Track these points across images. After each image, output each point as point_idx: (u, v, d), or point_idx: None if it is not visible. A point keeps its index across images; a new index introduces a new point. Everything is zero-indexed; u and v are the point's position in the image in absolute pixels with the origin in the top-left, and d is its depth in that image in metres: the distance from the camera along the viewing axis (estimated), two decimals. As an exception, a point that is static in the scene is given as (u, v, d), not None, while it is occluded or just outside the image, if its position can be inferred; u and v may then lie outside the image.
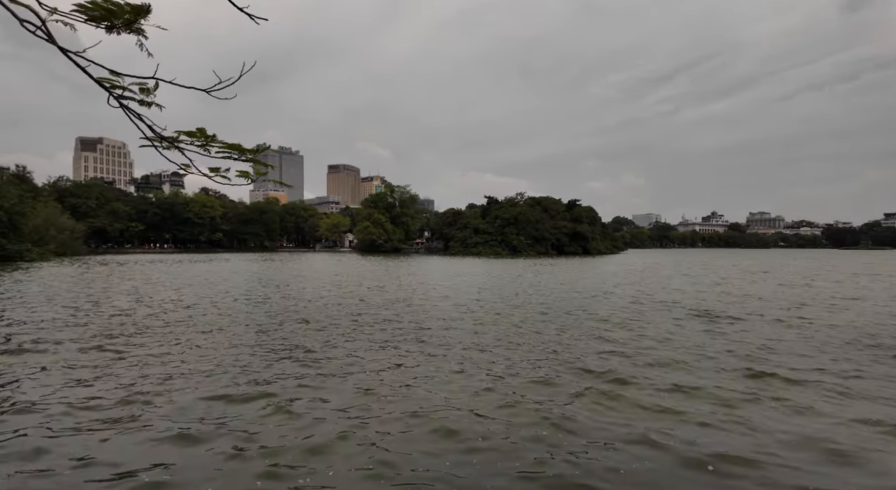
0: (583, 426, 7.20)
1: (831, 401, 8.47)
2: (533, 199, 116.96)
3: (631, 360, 11.16)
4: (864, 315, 18.49)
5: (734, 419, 7.50)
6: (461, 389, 8.91)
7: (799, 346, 12.93)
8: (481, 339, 13.45)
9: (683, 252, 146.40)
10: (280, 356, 11.19)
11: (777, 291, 27.28)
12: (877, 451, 6.50)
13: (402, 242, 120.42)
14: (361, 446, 6.49)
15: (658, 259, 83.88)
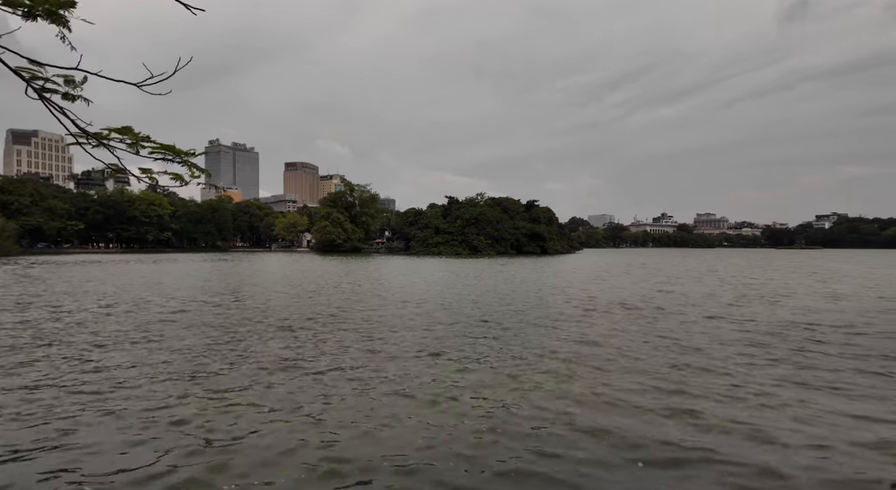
0: (517, 417, 7.36)
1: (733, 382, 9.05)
2: (493, 200, 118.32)
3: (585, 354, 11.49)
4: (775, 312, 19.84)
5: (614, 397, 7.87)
6: (409, 393, 8.88)
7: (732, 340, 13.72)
8: (427, 340, 13.46)
9: (634, 252, 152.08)
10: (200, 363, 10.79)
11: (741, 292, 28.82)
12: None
13: (363, 242, 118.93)
14: (314, 448, 6.39)
15: (609, 259, 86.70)
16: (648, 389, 9.12)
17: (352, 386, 9.12)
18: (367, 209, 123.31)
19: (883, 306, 21.43)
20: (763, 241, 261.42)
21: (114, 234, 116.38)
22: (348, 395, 8.61)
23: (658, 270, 49.06)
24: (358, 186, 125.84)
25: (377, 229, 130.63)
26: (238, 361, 10.82)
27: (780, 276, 40.76)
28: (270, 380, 9.44)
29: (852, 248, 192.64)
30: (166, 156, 2.48)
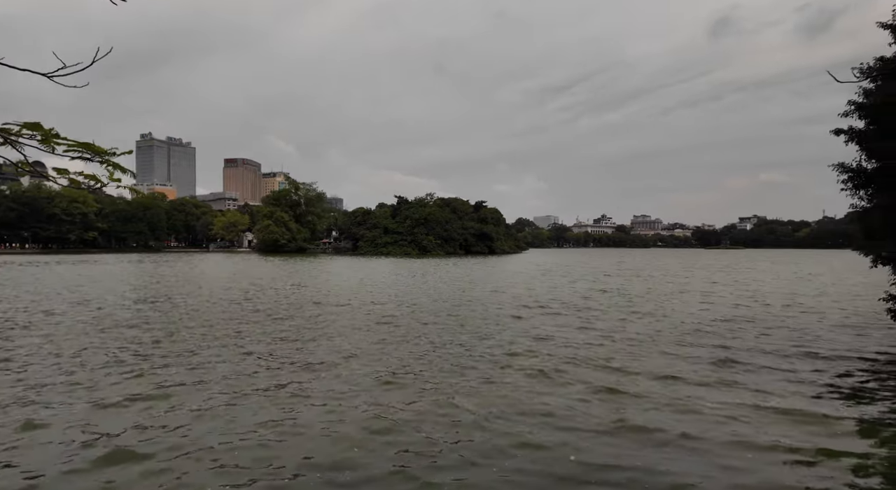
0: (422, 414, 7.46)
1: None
2: (442, 200, 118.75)
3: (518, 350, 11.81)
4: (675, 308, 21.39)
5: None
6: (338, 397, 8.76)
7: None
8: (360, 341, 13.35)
9: (577, 252, 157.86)
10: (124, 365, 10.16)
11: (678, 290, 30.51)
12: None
13: (308, 242, 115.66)
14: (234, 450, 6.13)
15: (553, 259, 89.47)
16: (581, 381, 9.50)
17: (263, 394, 8.85)
18: (313, 208, 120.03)
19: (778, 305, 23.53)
20: (693, 241, 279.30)
21: (30, 233, 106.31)
22: (254, 400, 8.35)
23: (596, 268, 51.26)
24: (303, 185, 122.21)
25: (324, 229, 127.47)
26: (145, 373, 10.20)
27: (706, 275, 43.80)
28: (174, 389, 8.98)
29: (770, 248, 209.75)
30: (84, 154, 2.28)
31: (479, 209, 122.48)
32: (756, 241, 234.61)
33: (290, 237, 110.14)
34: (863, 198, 12.57)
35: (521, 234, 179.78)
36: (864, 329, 16.02)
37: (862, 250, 13.83)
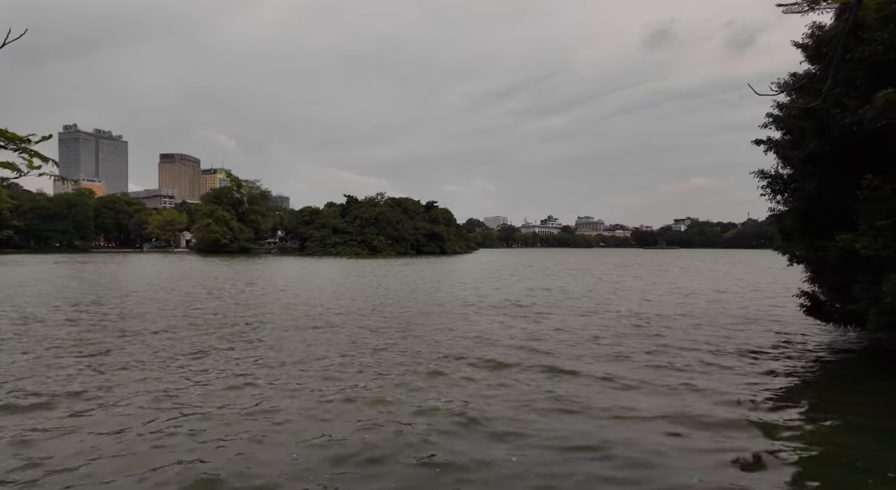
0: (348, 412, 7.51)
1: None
2: (393, 200, 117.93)
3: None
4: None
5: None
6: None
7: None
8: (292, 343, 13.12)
9: (525, 252, 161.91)
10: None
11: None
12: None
13: (252, 242, 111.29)
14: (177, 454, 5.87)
15: (503, 259, 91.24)
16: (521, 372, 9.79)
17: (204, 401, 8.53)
18: (258, 207, 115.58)
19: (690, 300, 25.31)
20: (633, 241, 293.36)
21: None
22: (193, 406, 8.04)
23: (543, 267, 52.82)
24: (246, 182, 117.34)
25: (269, 229, 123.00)
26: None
27: (643, 274, 46.28)
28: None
29: (701, 248, 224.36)
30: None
31: (431, 209, 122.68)
32: (688, 242, 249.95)
33: (233, 237, 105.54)
34: (780, 202, 13.73)
35: (472, 235, 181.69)
36: (779, 323, 17.52)
37: (780, 250, 15.09)
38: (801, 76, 12.34)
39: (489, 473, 5.96)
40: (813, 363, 11.89)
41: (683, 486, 5.80)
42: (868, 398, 9.27)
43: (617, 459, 6.41)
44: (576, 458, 6.44)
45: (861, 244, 9.60)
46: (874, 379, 10.72)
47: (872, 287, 9.99)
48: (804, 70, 12.57)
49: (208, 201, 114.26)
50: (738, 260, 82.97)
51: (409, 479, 5.80)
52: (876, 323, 10.18)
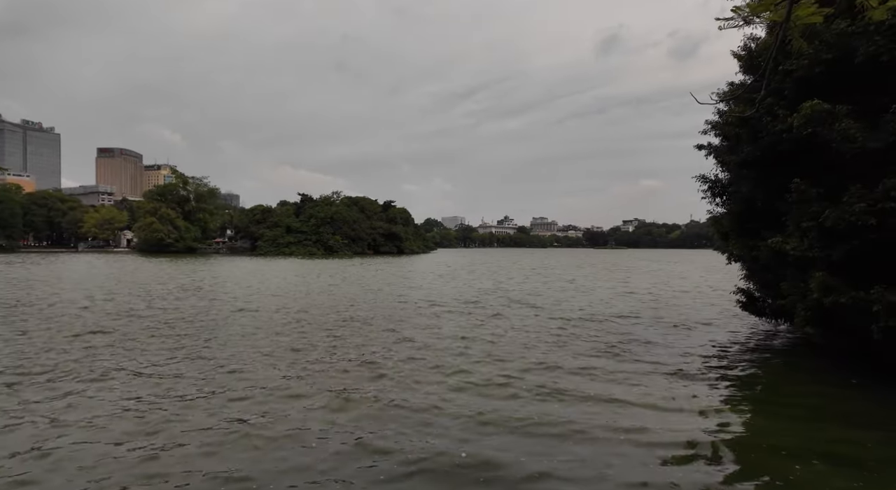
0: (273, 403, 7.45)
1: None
2: (350, 199, 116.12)
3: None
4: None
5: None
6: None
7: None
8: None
9: (482, 252, 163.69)
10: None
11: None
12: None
13: (199, 241, 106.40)
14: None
15: (461, 259, 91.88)
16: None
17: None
18: (205, 205, 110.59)
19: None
20: (584, 241, 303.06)
21: None
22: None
23: (499, 267, 53.62)
24: (193, 179, 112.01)
25: (217, 228, 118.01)
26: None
27: (590, 274, 47.91)
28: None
29: (648, 248, 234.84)
30: None
31: (388, 209, 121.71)
32: (636, 242, 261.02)
33: (178, 236, 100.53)
34: (718, 204, 14.60)
35: (430, 235, 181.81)
36: (716, 318, 18.62)
37: (718, 250, 16.05)
38: (737, 86, 13.16)
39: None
40: (744, 356, 12.71)
41: (617, 473, 6.07)
42: (795, 389, 10.01)
43: (564, 450, 6.64)
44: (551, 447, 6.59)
45: (790, 245, 10.34)
46: (801, 371, 11.58)
47: (799, 284, 10.79)
48: (740, 80, 13.42)
49: (151, 199, 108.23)
50: (682, 259, 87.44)
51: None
52: (803, 318, 11.00)
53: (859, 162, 9.34)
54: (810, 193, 10.01)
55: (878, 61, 9.27)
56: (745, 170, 12.48)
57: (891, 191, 8.58)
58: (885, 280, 8.90)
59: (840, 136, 9.26)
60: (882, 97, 9.45)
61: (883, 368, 10.19)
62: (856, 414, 8.32)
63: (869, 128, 9.18)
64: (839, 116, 9.36)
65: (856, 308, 9.15)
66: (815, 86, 10.26)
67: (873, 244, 9.08)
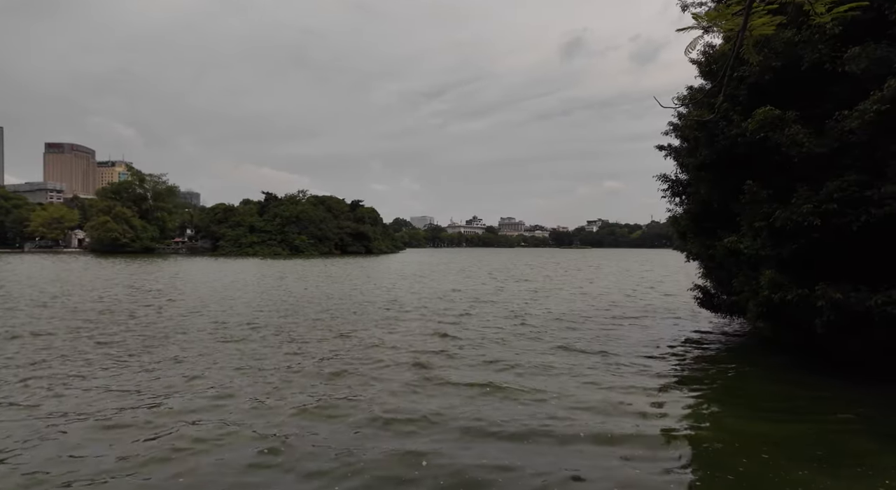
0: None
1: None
2: (316, 198, 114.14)
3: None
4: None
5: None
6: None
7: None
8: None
9: (451, 252, 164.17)
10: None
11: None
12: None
13: (157, 241, 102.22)
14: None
15: (429, 258, 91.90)
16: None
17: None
18: (163, 203, 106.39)
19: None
20: (551, 241, 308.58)
21: None
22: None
23: (464, 268, 53.90)
24: (150, 176, 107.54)
25: (176, 227, 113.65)
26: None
27: (554, 273, 48.84)
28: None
29: (611, 247, 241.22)
30: None
31: (356, 208, 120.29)
32: (599, 242, 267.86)
33: (134, 236, 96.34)
34: (678, 204, 15.14)
35: (399, 234, 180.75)
36: (675, 314, 19.32)
37: (678, 249, 16.65)
38: (695, 90, 13.68)
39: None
40: (699, 350, 13.25)
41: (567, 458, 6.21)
42: (746, 383, 10.48)
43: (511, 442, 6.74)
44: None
45: (744, 245, 10.83)
46: (752, 364, 12.15)
47: (751, 282, 11.32)
48: (698, 85, 13.96)
49: (105, 197, 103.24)
50: (644, 259, 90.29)
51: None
52: (754, 313, 11.55)
53: (806, 165, 9.87)
54: (762, 195, 10.50)
55: (822, 69, 9.83)
56: (703, 172, 12.98)
57: (834, 193, 9.11)
58: (829, 277, 9.45)
59: (789, 141, 9.76)
60: (826, 104, 10.03)
61: (826, 360, 10.81)
62: (801, 405, 8.78)
63: (815, 133, 9.72)
64: (788, 122, 9.87)
65: (802, 304, 9.67)
66: (767, 92, 10.79)
67: (818, 243, 9.61)
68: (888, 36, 9.07)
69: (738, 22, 3.47)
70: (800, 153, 9.70)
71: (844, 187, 9.03)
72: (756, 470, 6.23)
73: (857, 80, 9.27)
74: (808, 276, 9.84)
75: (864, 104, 8.77)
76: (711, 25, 4.31)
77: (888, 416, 8.10)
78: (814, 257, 10.03)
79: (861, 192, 8.90)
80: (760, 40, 10.26)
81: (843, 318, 9.17)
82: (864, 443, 6.95)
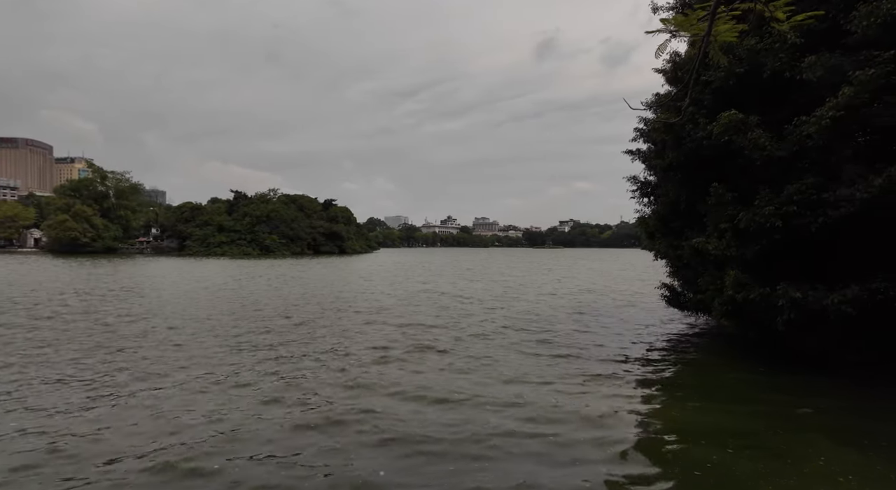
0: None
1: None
2: (287, 197, 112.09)
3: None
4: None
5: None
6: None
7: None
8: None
9: (426, 252, 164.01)
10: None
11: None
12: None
13: (120, 241, 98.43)
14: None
15: (402, 258, 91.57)
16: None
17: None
18: (127, 202, 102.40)
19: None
20: (524, 241, 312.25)
21: None
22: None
23: (436, 269, 53.88)
24: (113, 173, 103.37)
25: (141, 226, 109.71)
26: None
27: (522, 275, 49.32)
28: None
29: (582, 247, 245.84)
30: None
31: (329, 207, 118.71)
32: (571, 242, 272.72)
33: (95, 235, 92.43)
34: (646, 204, 15.51)
35: (373, 234, 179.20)
36: (646, 310, 19.78)
37: (646, 248, 17.05)
38: (662, 95, 14.04)
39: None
40: (664, 347, 13.59)
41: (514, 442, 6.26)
42: (710, 380, 10.80)
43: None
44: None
45: (711, 245, 11.16)
46: (717, 361, 12.54)
47: (716, 281, 11.68)
48: (665, 91, 14.32)
49: (64, 194, 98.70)
50: (614, 258, 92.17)
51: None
52: (719, 311, 11.92)
53: (768, 168, 10.24)
54: (727, 197, 10.85)
55: (782, 76, 10.22)
56: (670, 173, 13.32)
57: (793, 195, 9.48)
58: (789, 277, 9.83)
59: (751, 145, 10.11)
60: (786, 109, 10.44)
61: (787, 356, 11.25)
62: (764, 400, 9.09)
63: (776, 137, 10.10)
64: (751, 126, 10.22)
65: (764, 303, 10.03)
66: (731, 97, 11.15)
67: (780, 244, 9.99)
68: (842, 45, 9.50)
69: (704, 27, 3.58)
70: (762, 156, 10.06)
71: (803, 190, 9.42)
72: (722, 464, 6.38)
73: (814, 87, 9.68)
74: (770, 275, 10.21)
75: (820, 110, 9.16)
76: (679, 30, 4.41)
77: (845, 409, 8.47)
78: (775, 257, 10.42)
79: (818, 194, 9.30)
80: (724, 47, 10.61)
81: (802, 317, 9.55)
82: (822, 439, 7.18)
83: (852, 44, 9.32)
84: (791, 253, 10.25)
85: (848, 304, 8.87)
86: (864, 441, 7.03)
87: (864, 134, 10.20)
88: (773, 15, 3.20)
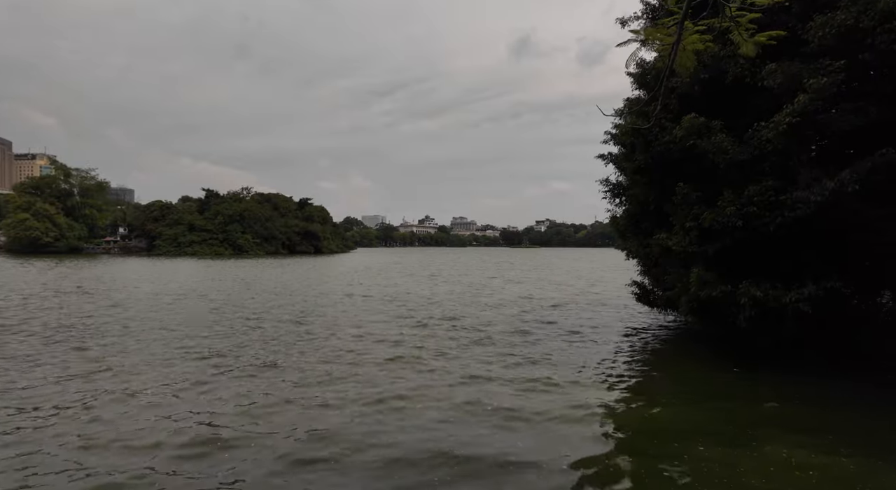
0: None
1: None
2: (262, 195, 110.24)
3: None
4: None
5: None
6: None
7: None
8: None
9: (404, 251, 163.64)
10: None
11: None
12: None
13: (85, 241, 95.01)
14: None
15: (381, 258, 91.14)
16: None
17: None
18: (92, 200, 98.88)
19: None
20: (501, 241, 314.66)
21: None
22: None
23: (411, 269, 53.86)
24: (77, 171, 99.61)
25: (107, 225, 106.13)
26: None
27: (497, 274, 49.80)
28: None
29: (558, 247, 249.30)
30: None
31: (305, 206, 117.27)
32: (547, 241, 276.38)
33: (59, 235, 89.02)
34: (617, 205, 15.89)
35: (350, 234, 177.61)
36: (615, 308, 20.26)
37: (619, 247, 17.47)
38: (632, 101, 14.42)
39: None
40: (635, 343, 13.98)
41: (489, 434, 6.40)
42: (678, 376, 11.16)
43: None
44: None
45: (673, 242, 11.54)
46: (684, 357, 12.96)
47: (682, 279, 12.07)
48: (635, 96, 14.71)
49: (25, 192, 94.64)
50: (589, 257, 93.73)
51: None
52: (685, 308, 12.33)
53: (731, 171, 10.65)
54: (692, 197, 11.23)
55: (744, 82, 10.64)
56: (639, 175, 13.68)
57: (754, 197, 9.89)
58: (751, 275, 10.25)
59: (714, 148, 10.49)
60: (748, 114, 10.87)
61: (751, 352, 11.71)
62: (731, 395, 9.42)
63: (738, 141, 10.50)
64: (714, 131, 10.61)
65: (726, 300, 10.43)
66: (695, 102, 11.54)
67: (741, 243, 10.40)
68: (800, 54, 9.95)
69: (672, 39, 3.79)
70: (725, 160, 10.46)
71: (763, 192, 9.83)
72: (691, 460, 6.50)
73: (774, 93, 10.11)
74: (732, 274, 10.62)
75: (778, 116, 9.58)
76: (648, 39, 4.60)
77: (808, 402, 8.86)
78: (737, 256, 10.84)
79: (777, 196, 9.72)
80: (694, 51, 10.99)
81: (762, 314, 9.97)
82: (787, 433, 7.35)
83: (810, 52, 9.77)
84: (752, 252, 10.68)
85: (804, 302, 9.31)
86: (828, 436, 7.22)
87: (820, 139, 10.70)
88: (738, 31, 3.44)
